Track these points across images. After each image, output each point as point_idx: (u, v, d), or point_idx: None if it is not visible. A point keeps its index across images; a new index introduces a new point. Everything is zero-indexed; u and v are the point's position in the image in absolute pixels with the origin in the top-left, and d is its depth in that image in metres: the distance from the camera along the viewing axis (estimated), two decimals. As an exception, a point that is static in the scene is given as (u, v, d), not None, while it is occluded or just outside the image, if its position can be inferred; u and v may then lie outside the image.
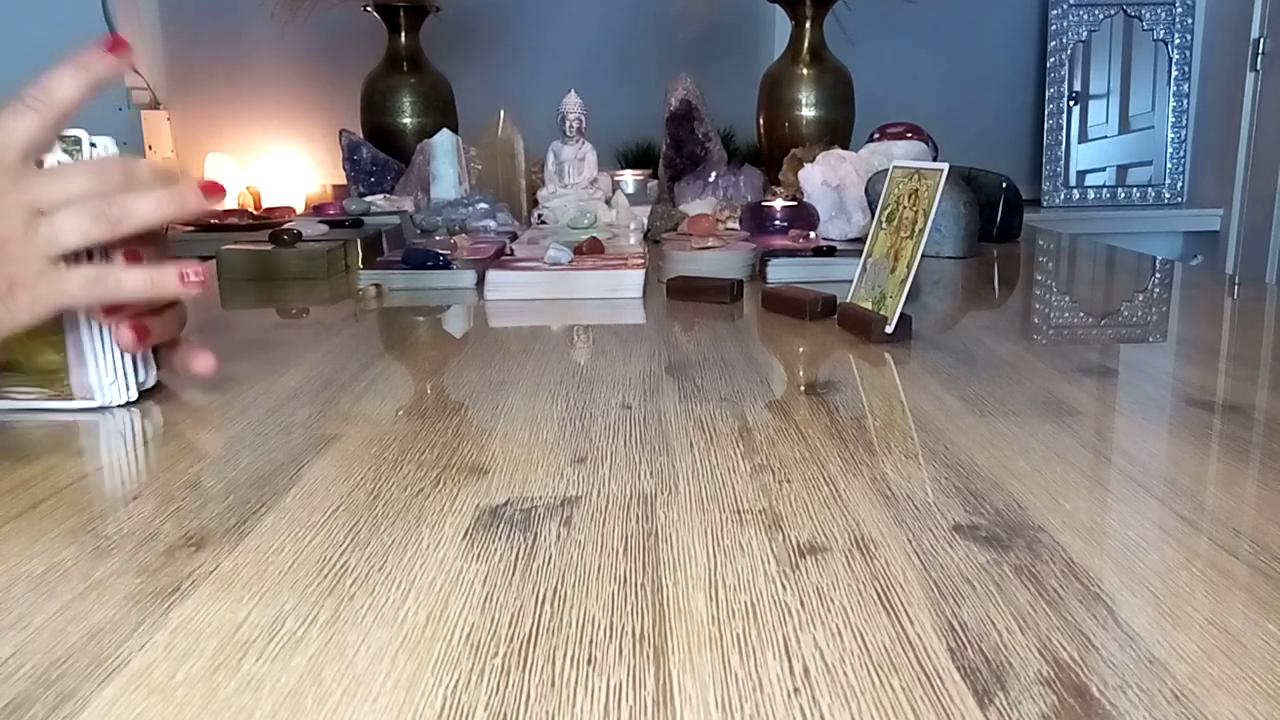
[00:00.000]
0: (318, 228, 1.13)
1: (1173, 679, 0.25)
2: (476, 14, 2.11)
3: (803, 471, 0.41)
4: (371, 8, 1.70)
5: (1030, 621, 0.28)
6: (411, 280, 0.91)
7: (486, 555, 0.33)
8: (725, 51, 2.17)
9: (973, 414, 0.48)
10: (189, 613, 0.29)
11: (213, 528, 0.36)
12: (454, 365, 0.61)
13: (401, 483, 0.40)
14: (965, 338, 0.67)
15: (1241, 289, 0.88)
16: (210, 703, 0.25)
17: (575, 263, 0.91)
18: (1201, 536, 0.34)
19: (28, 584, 0.31)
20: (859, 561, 0.32)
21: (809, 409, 0.50)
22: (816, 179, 1.18)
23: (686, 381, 0.56)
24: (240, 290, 0.94)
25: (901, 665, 0.26)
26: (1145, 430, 0.46)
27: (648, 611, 0.29)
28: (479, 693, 0.25)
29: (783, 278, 0.91)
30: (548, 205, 1.30)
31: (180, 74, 2.19)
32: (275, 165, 2.23)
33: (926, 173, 0.66)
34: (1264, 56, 2.03)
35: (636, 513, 0.36)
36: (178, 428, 0.49)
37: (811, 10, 1.62)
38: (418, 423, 0.48)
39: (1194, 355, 0.61)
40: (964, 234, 1.09)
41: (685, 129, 1.45)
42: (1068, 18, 2.22)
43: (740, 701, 0.24)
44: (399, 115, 1.72)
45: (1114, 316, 0.75)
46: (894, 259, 0.67)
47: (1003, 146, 2.27)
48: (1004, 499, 0.37)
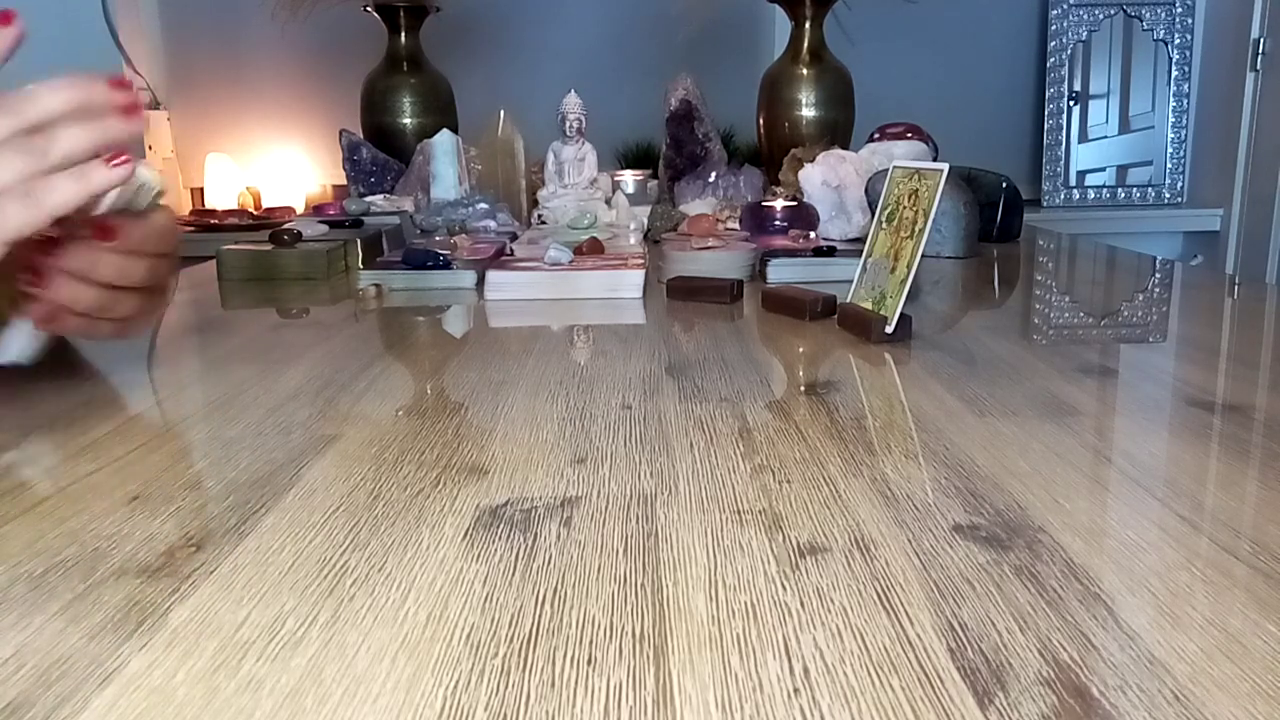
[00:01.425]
0: (318, 228, 1.13)
1: (1173, 679, 0.25)
2: (476, 14, 2.11)
3: (803, 471, 0.41)
4: (371, 8, 1.70)
5: (1030, 622, 0.28)
6: (411, 280, 0.91)
7: (486, 555, 0.33)
8: (725, 51, 2.17)
9: (973, 414, 0.48)
10: (189, 613, 0.29)
11: (213, 528, 0.36)
12: (454, 365, 0.61)
13: (401, 483, 0.40)
14: (965, 338, 0.67)
15: (1241, 289, 0.88)
16: (210, 703, 0.25)
17: (575, 263, 0.91)
18: (1201, 536, 0.34)
19: (28, 584, 0.31)
20: (859, 562, 0.32)
21: (809, 409, 0.50)
22: (816, 179, 1.18)
23: (686, 381, 0.56)
24: (240, 290, 0.94)
25: (901, 665, 0.26)
26: (1145, 430, 0.46)
27: (648, 611, 0.29)
28: (479, 693, 0.25)
29: (783, 278, 0.91)
30: (548, 205, 1.30)
31: (180, 74, 2.19)
32: (275, 165, 2.23)
33: (926, 173, 0.66)
34: (1264, 56, 2.03)
35: (636, 513, 0.36)
36: (178, 427, 0.49)
37: (811, 10, 1.62)
38: (418, 423, 0.48)
39: (1194, 355, 0.61)
40: (964, 234, 1.09)
41: (685, 129, 1.45)
42: (1068, 18, 2.22)
43: (740, 701, 0.24)
44: (399, 115, 1.72)
45: (1114, 316, 0.75)
46: (894, 259, 0.67)
47: (1003, 146, 2.27)
48: (1004, 499, 0.37)
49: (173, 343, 0.71)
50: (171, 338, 0.72)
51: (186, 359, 0.65)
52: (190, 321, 0.79)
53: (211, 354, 0.65)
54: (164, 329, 0.74)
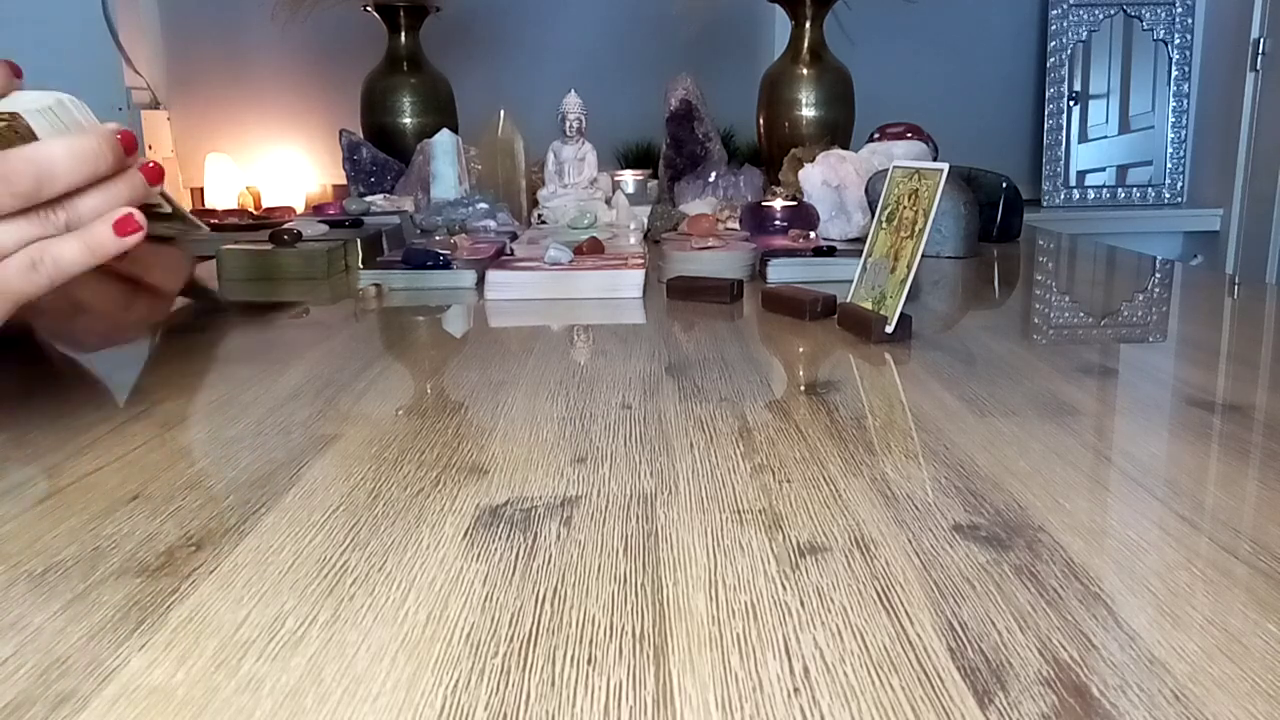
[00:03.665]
0: (318, 228, 1.13)
1: (1173, 679, 0.25)
2: (476, 14, 2.11)
3: (803, 471, 0.41)
4: (371, 8, 1.70)
5: (1030, 621, 0.28)
6: (411, 280, 0.91)
7: (486, 555, 0.33)
8: (725, 51, 2.17)
9: (973, 414, 0.48)
10: (189, 613, 0.29)
11: (213, 528, 0.36)
12: (454, 365, 0.61)
13: (401, 483, 0.40)
14: (965, 338, 0.67)
15: (1241, 289, 0.88)
16: (210, 703, 0.25)
17: (575, 263, 0.91)
18: (1201, 536, 0.34)
19: (28, 584, 0.31)
20: (859, 561, 0.32)
21: (809, 409, 0.50)
22: (816, 179, 1.18)
23: (686, 381, 0.56)
24: (240, 290, 0.94)
25: (901, 665, 0.26)
26: (1145, 430, 0.46)
27: (648, 611, 0.29)
28: (479, 693, 0.25)
29: (783, 278, 0.91)
30: (548, 205, 1.30)
31: (180, 74, 2.19)
32: (275, 165, 2.23)
33: (926, 173, 0.66)
34: (1264, 56, 2.03)
35: (636, 513, 0.36)
36: (178, 427, 0.49)
37: (811, 10, 1.62)
38: (418, 423, 0.48)
39: (1194, 355, 0.61)
40: (964, 234, 1.09)
41: (685, 129, 1.45)
42: (1068, 18, 2.22)
43: (740, 701, 0.24)
44: (399, 115, 1.72)
45: (1114, 316, 0.75)
46: (894, 259, 0.67)
47: (1003, 146, 2.27)
48: (1004, 499, 0.37)
49: (173, 342, 0.71)
50: (171, 338, 0.72)
51: (186, 359, 0.65)
52: (190, 321, 0.79)
53: (211, 354, 0.65)
54: (164, 329, 0.74)
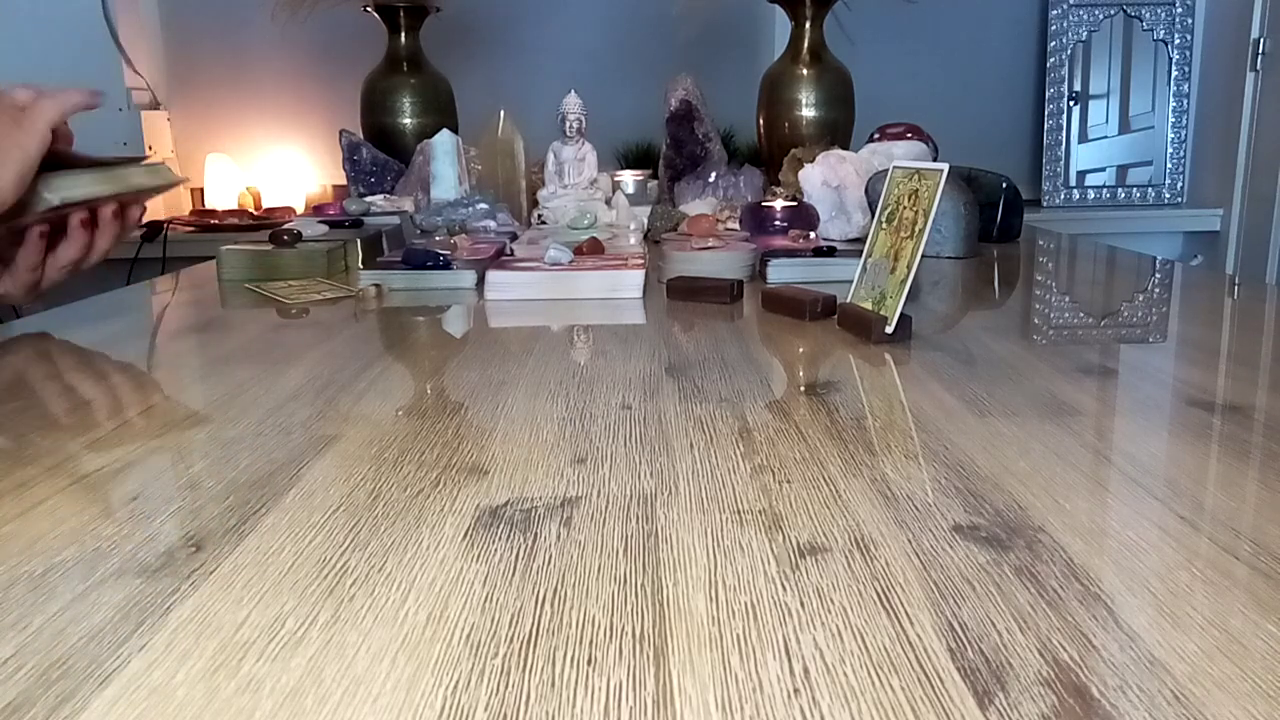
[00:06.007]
0: (318, 228, 1.13)
1: (1173, 679, 0.25)
2: (476, 14, 2.11)
3: (803, 472, 0.41)
4: (371, 8, 1.70)
5: (1030, 622, 0.28)
6: (411, 280, 0.91)
7: (486, 555, 0.33)
8: (725, 51, 2.17)
9: (973, 414, 0.48)
10: (189, 613, 0.29)
11: (213, 528, 0.36)
12: (454, 365, 0.61)
13: (401, 483, 0.40)
14: (965, 338, 0.67)
15: (1241, 289, 0.88)
16: (210, 703, 0.25)
17: (575, 263, 0.91)
18: (1201, 536, 0.34)
19: (28, 584, 0.31)
20: (859, 562, 0.32)
21: (809, 409, 0.50)
22: (816, 179, 1.18)
23: (686, 382, 0.56)
24: (240, 290, 0.94)
25: (901, 666, 0.26)
26: (1145, 430, 0.46)
27: (648, 612, 0.29)
28: (479, 693, 0.25)
29: (783, 278, 0.91)
30: (548, 205, 1.30)
31: (180, 74, 2.19)
32: (275, 165, 2.23)
33: (926, 173, 0.66)
34: (1264, 56, 2.03)
35: (636, 513, 0.36)
36: (178, 427, 0.49)
37: (811, 10, 1.62)
38: (418, 423, 0.48)
39: (1194, 355, 0.61)
40: (964, 234, 1.09)
41: (685, 129, 1.45)
42: (1068, 18, 2.21)
43: (740, 702, 0.24)
44: (399, 115, 1.72)
45: (1114, 317, 0.75)
46: (894, 259, 0.67)
47: (1003, 146, 2.27)
48: (1004, 499, 0.37)
49: (173, 343, 0.71)
50: (172, 338, 0.73)
51: (186, 359, 0.65)
52: (190, 321, 0.79)
53: (211, 354, 0.65)
54: (164, 329, 0.74)
